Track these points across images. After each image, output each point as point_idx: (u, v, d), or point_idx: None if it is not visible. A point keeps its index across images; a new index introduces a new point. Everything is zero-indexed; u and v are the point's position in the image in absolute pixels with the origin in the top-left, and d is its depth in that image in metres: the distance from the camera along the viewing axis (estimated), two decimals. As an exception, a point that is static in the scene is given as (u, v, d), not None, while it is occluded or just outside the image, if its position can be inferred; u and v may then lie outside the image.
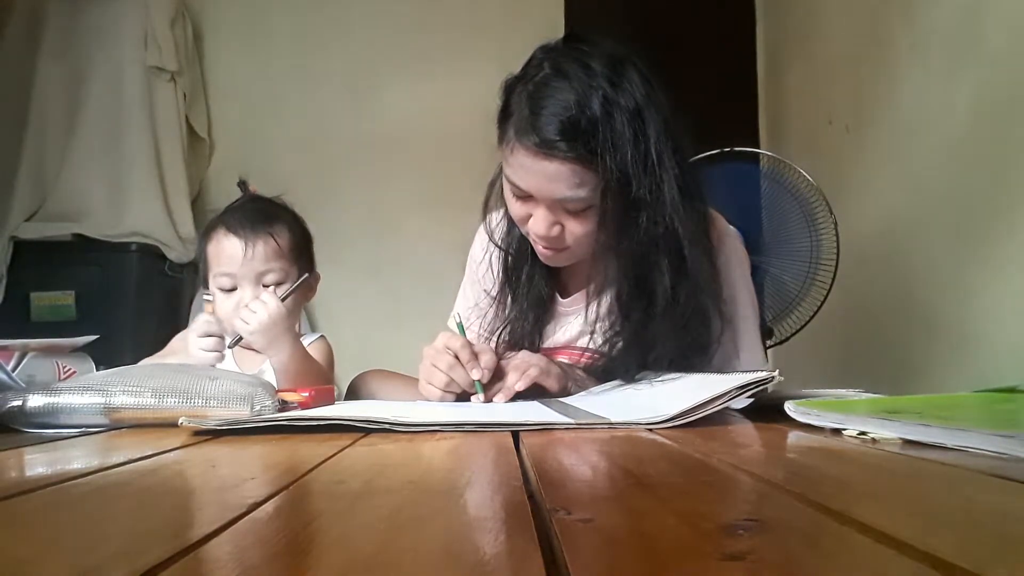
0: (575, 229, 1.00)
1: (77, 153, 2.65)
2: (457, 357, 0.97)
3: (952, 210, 1.73)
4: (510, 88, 1.01)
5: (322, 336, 1.27)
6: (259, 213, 1.20)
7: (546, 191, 0.96)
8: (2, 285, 2.45)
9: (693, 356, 1.00)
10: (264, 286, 1.16)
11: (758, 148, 2.32)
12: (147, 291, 2.52)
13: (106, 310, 2.38)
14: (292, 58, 3.05)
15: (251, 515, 0.34)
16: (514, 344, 1.13)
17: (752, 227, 1.87)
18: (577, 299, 1.15)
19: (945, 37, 1.76)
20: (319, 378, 1.14)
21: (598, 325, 1.07)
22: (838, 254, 1.85)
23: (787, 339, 1.96)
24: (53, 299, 2.44)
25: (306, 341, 1.22)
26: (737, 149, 1.93)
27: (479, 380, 0.97)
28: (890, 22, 2.00)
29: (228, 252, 1.16)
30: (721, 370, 0.99)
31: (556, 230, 0.99)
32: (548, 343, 1.15)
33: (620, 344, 1.04)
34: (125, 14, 2.73)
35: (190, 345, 1.10)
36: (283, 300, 1.11)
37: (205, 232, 1.23)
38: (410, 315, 2.88)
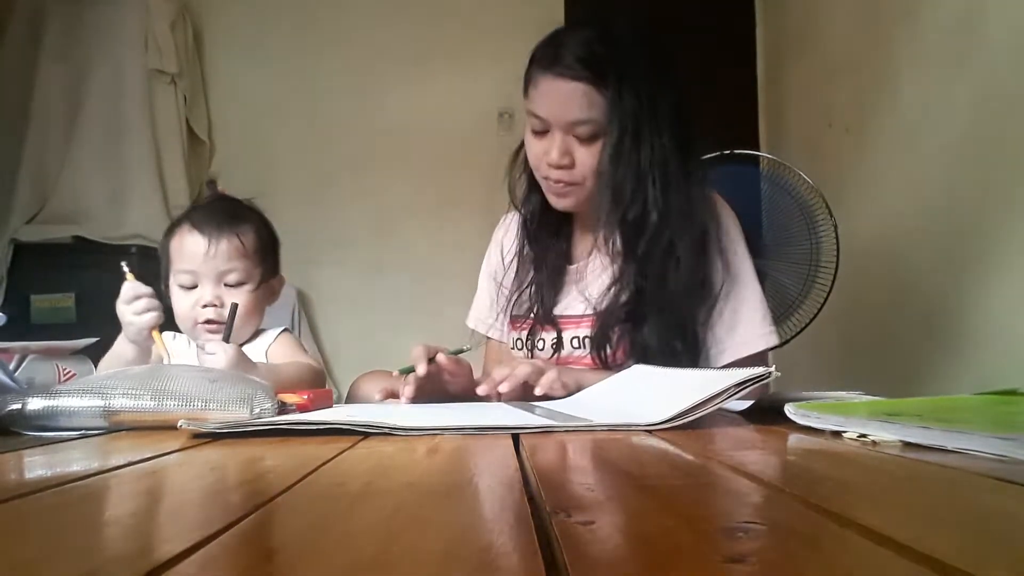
0: (584, 158, 1.09)
1: (77, 155, 2.65)
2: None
3: (952, 211, 1.73)
4: (535, 49, 1.12)
5: (285, 330, 1.25)
6: (225, 212, 1.18)
7: (561, 113, 1.07)
8: (2, 287, 2.46)
9: (693, 306, 1.09)
10: (226, 285, 1.14)
11: (758, 150, 2.32)
12: (147, 293, 2.51)
13: (106, 312, 2.36)
14: (292, 60, 3.05)
15: (251, 517, 0.34)
16: (529, 310, 1.21)
17: (752, 229, 1.87)
18: (582, 266, 1.21)
19: (945, 37, 1.76)
20: (301, 380, 1.11)
21: (605, 282, 1.14)
22: (838, 256, 1.84)
23: (787, 341, 1.96)
24: (53, 301, 2.44)
25: (267, 339, 1.20)
26: (737, 151, 1.93)
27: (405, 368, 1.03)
28: (890, 23, 2.00)
29: (191, 249, 1.13)
30: (727, 335, 1.11)
31: (567, 159, 1.09)
32: (557, 310, 1.21)
33: (624, 295, 1.11)
34: (126, 16, 2.73)
35: (123, 315, 1.07)
36: (227, 340, 1.08)
37: (169, 229, 1.20)
38: (410, 315, 2.89)
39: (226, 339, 1.08)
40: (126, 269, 1.12)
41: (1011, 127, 1.53)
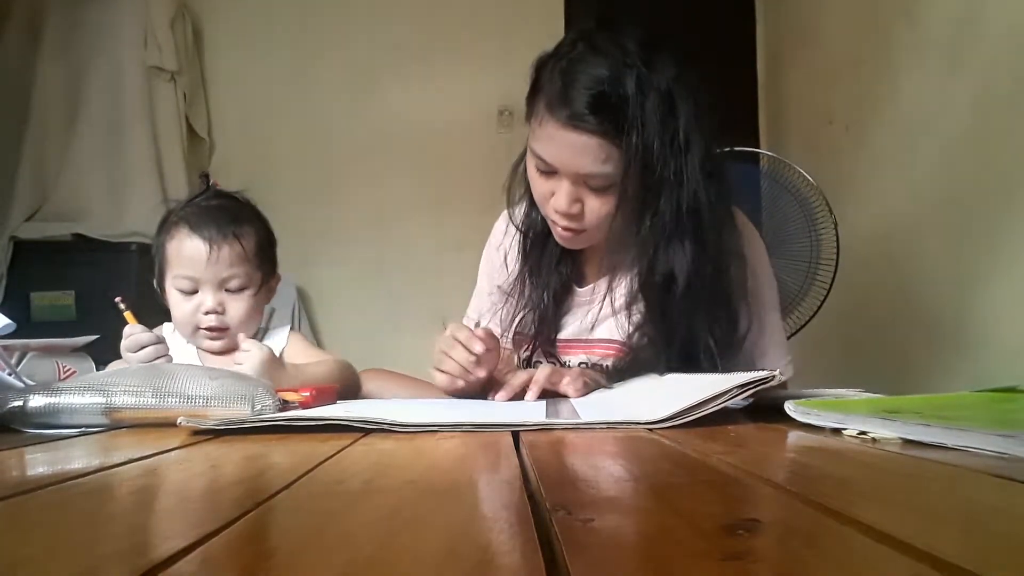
0: (596, 208, 1.00)
1: (77, 153, 2.65)
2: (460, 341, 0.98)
3: (952, 210, 1.73)
4: (541, 64, 1.01)
5: (291, 330, 1.24)
6: (225, 213, 1.13)
7: (572, 165, 0.97)
8: (2, 285, 2.46)
9: (721, 348, 1.00)
10: (226, 291, 1.12)
11: (758, 148, 2.32)
12: (147, 291, 2.51)
13: (106, 310, 2.36)
14: (292, 58, 3.05)
15: (251, 514, 0.34)
16: (531, 334, 1.13)
17: (752, 227, 1.87)
18: (593, 289, 1.15)
19: (945, 37, 1.76)
20: (331, 376, 1.11)
21: (622, 316, 1.07)
22: (838, 254, 1.85)
23: (787, 339, 1.96)
24: (53, 299, 2.44)
25: (277, 339, 1.19)
26: (737, 149, 1.93)
27: (479, 352, 0.97)
28: (890, 22, 2.00)
29: (190, 254, 1.09)
30: (749, 364, 1.01)
31: (577, 207, 1.00)
32: (563, 334, 1.15)
33: (645, 337, 1.04)
34: (125, 14, 2.73)
35: (129, 361, 1.05)
36: (263, 340, 1.08)
37: (164, 226, 1.14)
38: (410, 315, 2.89)
39: (261, 338, 1.08)
40: (123, 307, 1.10)
41: (1010, 125, 1.53)
